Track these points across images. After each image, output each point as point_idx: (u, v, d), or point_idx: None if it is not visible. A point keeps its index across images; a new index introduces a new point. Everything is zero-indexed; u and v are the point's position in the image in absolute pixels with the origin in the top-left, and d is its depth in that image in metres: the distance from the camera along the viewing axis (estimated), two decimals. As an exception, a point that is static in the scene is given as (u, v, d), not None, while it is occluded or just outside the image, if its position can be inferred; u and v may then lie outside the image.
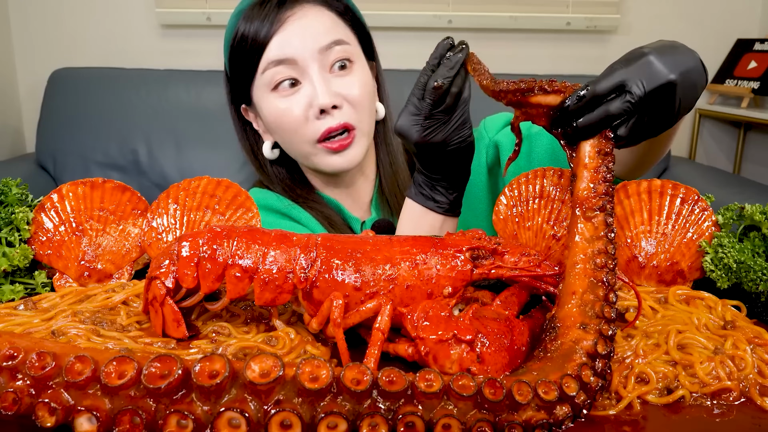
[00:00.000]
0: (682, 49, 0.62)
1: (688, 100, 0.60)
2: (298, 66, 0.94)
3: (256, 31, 0.94)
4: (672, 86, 0.58)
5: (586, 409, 0.50)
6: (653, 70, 0.58)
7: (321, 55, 0.94)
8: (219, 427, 0.43)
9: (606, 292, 0.55)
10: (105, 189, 0.76)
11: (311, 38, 0.94)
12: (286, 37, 0.93)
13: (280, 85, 0.95)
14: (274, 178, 1.07)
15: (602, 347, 0.52)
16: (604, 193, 0.58)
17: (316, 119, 0.94)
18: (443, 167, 0.79)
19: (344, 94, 0.95)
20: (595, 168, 0.59)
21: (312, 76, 0.94)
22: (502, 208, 0.73)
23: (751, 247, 0.69)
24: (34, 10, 2.51)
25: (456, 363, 0.53)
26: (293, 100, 0.95)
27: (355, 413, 0.45)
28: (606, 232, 0.57)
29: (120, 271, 0.74)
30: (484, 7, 2.48)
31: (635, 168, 0.86)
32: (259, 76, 0.96)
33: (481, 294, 0.67)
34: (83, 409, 0.44)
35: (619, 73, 0.58)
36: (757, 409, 0.52)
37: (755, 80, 2.36)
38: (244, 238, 0.59)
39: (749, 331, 0.60)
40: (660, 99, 0.58)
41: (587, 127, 0.60)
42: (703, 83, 0.62)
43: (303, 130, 0.95)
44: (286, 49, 0.93)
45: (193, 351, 0.57)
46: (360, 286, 0.59)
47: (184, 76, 2.39)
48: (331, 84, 0.95)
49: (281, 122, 0.97)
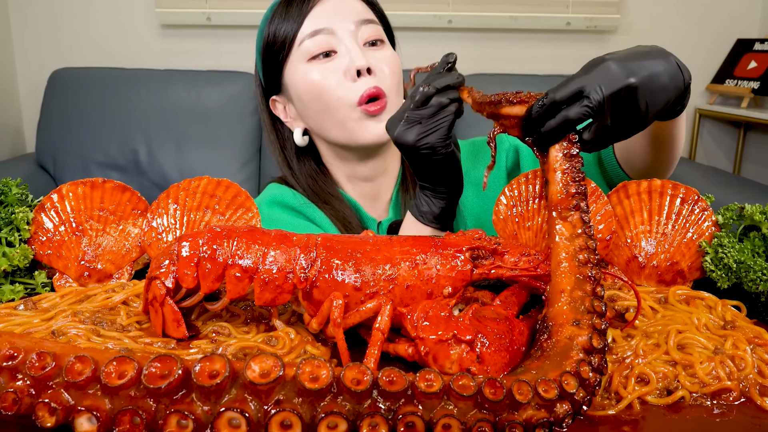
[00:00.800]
0: (654, 53, 0.64)
1: (658, 103, 0.63)
2: (335, 35, 0.96)
3: (291, 14, 0.97)
4: (632, 90, 0.61)
5: (586, 406, 0.50)
6: (611, 75, 0.61)
7: (356, 28, 0.97)
8: (219, 427, 0.43)
9: (593, 287, 0.57)
10: (105, 189, 0.76)
11: (347, 13, 0.98)
12: (323, 11, 0.97)
13: (316, 57, 0.97)
14: (298, 172, 1.08)
15: (597, 341, 0.53)
16: (576, 193, 0.61)
17: (353, 82, 0.95)
18: (422, 172, 0.80)
19: (377, 65, 0.97)
20: (564, 170, 0.62)
21: (347, 44, 0.96)
22: (502, 208, 0.73)
23: (751, 247, 0.69)
24: (34, 10, 2.51)
25: (456, 363, 0.53)
26: (330, 66, 0.96)
27: (355, 413, 0.45)
28: (584, 229, 0.60)
29: (120, 271, 0.74)
30: (484, 7, 2.48)
31: (651, 169, 0.87)
32: (295, 50, 0.98)
33: (481, 294, 0.67)
34: (83, 409, 0.44)
35: (578, 80, 0.62)
36: (757, 409, 0.52)
37: (755, 80, 2.36)
38: (244, 238, 0.59)
39: (749, 331, 0.60)
40: (622, 103, 0.61)
41: (550, 133, 0.63)
42: (679, 85, 0.64)
43: (341, 93, 0.95)
44: (323, 21, 0.96)
45: (193, 351, 0.57)
46: (360, 286, 0.59)
47: (184, 76, 2.39)
48: (365, 53, 0.97)
49: (318, 90, 0.96)
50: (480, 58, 2.49)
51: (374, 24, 1.00)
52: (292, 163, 1.09)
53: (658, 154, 0.84)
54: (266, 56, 1.02)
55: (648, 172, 0.88)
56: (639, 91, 0.61)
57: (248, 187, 2.29)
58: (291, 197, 1.04)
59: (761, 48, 2.41)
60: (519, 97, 0.65)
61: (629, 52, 0.64)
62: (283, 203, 1.03)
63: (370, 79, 0.95)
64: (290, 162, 1.09)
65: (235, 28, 2.48)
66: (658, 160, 0.86)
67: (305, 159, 1.08)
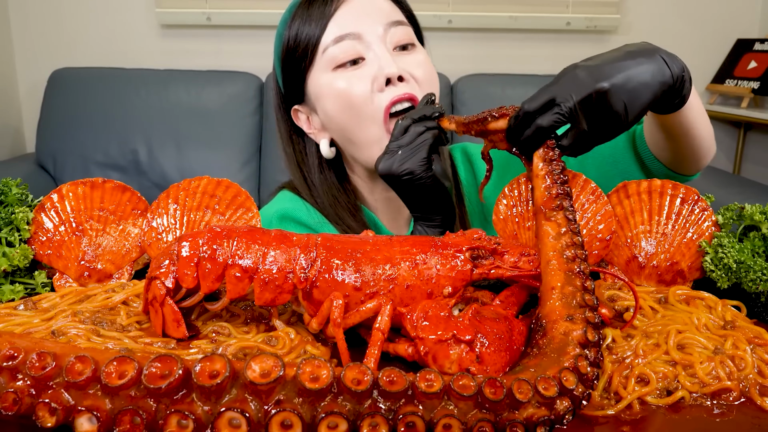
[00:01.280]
0: (635, 52, 0.66)
1: (639, 102, 0.64)
2: (362, 40, 0.89)
3: (313, 16, 0.90)
4: (603, 93, 0.63)
5: (585, 401, 0.50)
6: (580, 82, 0.63)
7: (385, 32, 0.90)
8: (219, 427, 0.43)
9: (583, 281, 0.58)
10: (105, 189, 0.76)
11: (375, 14, 0.90)
12: (348, 12, 0.90)
13: (343, 65, 0.90)
14: (319, 187, 1.00)
15: (591, 335, 0.54)
16: (558, 194, 0.63)
17: (381, 92, 0.88)
18: (411, 201, 0.82)
19: (408, 69, 0.90)
20: (545, 175, 0.64)
21: (376, 50, 0.89)
22: (502, 208, 0.73)
23: (751, 247, 0.69)
24: (34, 10, 2.51)
25: (455, 363, 0.53)
26: (357, 74, 0.89)
27: (355, 413, 0.45)
28: (569, 227, 0.61)
29: (120, 271, 0.74)
30: (484, 7, 2.48)
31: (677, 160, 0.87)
32: (319, 58, 0.90)
33: (480, 294, 0.67)
34: (83, 410, 0.44)
35: (549, 90, 0.64)
36: (757, 409, 0.52)
37: (755, 80, 2.36)
38: (244, 238, 0.59)
39: (749, 331, 0.60)
40: (596, 107, 0.63)
41: (527, 142, 0.66)
42: (664, 80, 0.65)
43: (369, 105, 0.89)
44: (350, 24, 0.89)
45: (193, 351, 0.57)
46: (360, 286, 0.59)
47: (184, 76, 2.39)
48: (396, 59, 0.90)
49: (345, 101, 0.89)
50: (480, 58, 2.49)
51: (404, 26, 0.93)
52: (311, 177, 1.01)
53: (678, 147, 0.84)
54: (287, 63, 0.94)
55: (676, 163, 0.87)
56: (611, 94, 0.63)
57: (248, 187, 2.29)
58: (305, 213, 0.98)
59: (761, 48, 2.41)
60: (501, 112, 0.68)
61: (606, 56, 0.66)
62: (298, 219, 0.97)
63: (401, 85, 0.89)
64: (309, 177, 1.01)
65: (235, 28, 2.48)
66: (679, 153, 0.85)
67: (328, 173, 1.00)
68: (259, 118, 2.39)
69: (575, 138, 0.66)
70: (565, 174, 0.65)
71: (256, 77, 2.41)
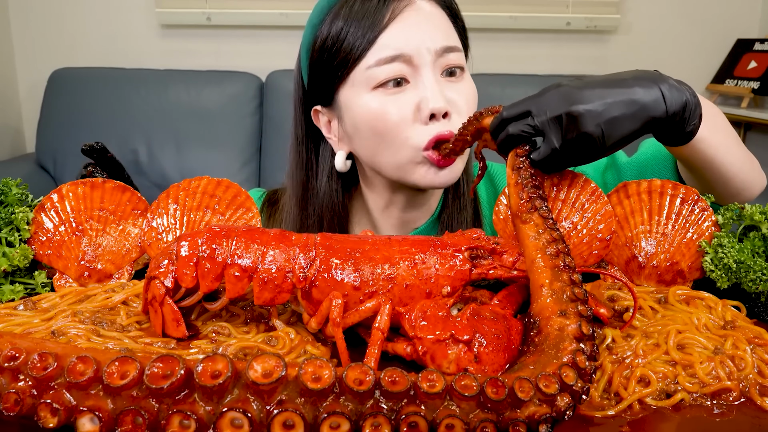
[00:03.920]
0: (631, 80, 0.65)
1: (618, 132, 0.63)
2: (412, 63, 0.82)
3: (361, 19, 0.83)
4: (573, 117, 0.62)
5: (585, 395, 0.51)
6: (556, 100, 0.63)
7: (436, 56, 0.84)
8: (221, 428, 0.43)
9: (570, 275, 0.58)
10: (105, 189, 0.76)
11: (429, 35, 0.83)
12: (402, 27, 0.83)
13: (386, 84, 0.83)
14: (323, 192, 0.94)
15: (586, 328, 0.54)
16: (530, 197, 0.64)
17: (424, 124, 0.82)
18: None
19: (454, 100, 0.85)
20: (515, 183, 0.65)
21: (424, 76, 0.83)
22: (502, 208, 0.73)
23: (751, 247, 0.69)
24: (34, 10, 2.51)
25: (453, 363, 0.54)
26: (400, 99, 0.83)
27: (357, 413, 0.45)
28: (546, 224, 0.62)
29: (120, 271, 0.74)
30: (484, 7, 2.48)
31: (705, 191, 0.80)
32: (358, 72, 0.83)
33: (479, 293, 0.67)
34: (85, 410, 0.44)
35: (528, 101, 0.65)
36: (757, 409, 0.52)
37: (755, 80, 2.36)
38: (243, 237, 0.60)
39: (749, 331, 0.60)
40: (568, 128, 0.63)
41: (501, 146, 0.68)
42: (656, 114, 0.64)
43: (408, 134, 0.83)
44: (401, 43, 0.82)
45: (193, 351, 0.57)
46: (359, 285, 0.59)
47: (184, 76, 2.39)
48: (443, 88, 0.84)
49: (381, 124, 0.83)
50: (480, 58, 2.48)
51: (456, 52, 0.86)
52: (315, 182, 0.95)
53: (700, 180, 0.80)
54: (318, 63, 0.87)
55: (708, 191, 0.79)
56: (584, 119, 0.62)
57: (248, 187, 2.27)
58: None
59: (761, 48, 2.41)
60: (493, 109, 0.70)
61: (597, 79, 0.65)
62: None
63: (445, 122, 0.83)
64: (312, 181, 0.95)
65: (235, 28, 2.48)
66: (704, 184, 0.81)
67: (335, 182, 0.94)
68: (259, 118, 2.39)
69: (547, 154, 0.65)
70: (535, 178, 0.65)
71: (256, 77, 2.41)
